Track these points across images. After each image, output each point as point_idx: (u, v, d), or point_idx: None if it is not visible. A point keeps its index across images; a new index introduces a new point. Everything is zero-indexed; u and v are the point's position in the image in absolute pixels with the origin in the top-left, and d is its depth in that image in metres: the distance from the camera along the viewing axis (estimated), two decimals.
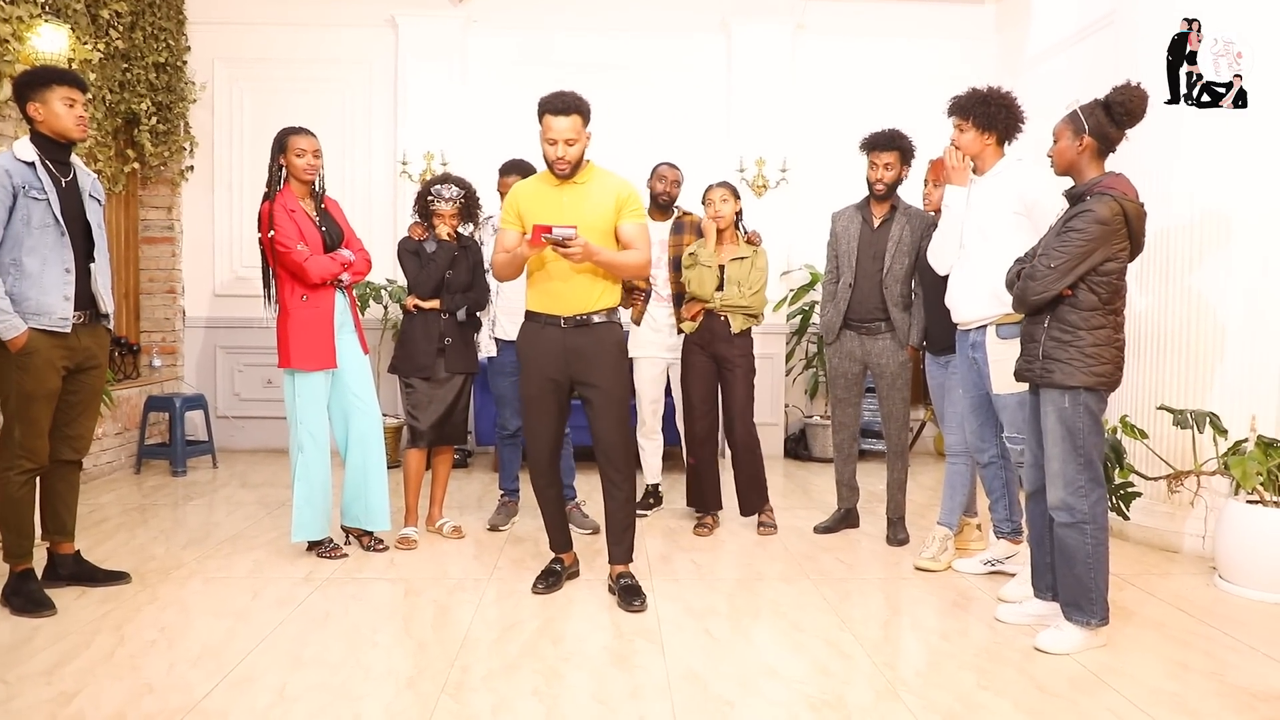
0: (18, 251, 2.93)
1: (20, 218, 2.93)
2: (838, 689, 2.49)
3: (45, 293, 2.96)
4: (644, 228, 3.15)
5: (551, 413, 3.16)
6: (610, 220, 3.10)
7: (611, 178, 3.16)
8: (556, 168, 3.04)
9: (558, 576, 3.30)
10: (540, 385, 3.14)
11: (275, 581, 3.34)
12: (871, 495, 4.60)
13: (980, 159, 3.28)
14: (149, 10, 5.37)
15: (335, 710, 2.32)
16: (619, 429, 3.13)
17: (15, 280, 2.93)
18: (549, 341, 3.10)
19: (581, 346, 3.09)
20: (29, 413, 2.99)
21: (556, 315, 3.09)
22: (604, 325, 3.12)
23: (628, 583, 3.13)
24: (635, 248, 3.11)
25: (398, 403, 5.77)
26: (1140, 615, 3.07)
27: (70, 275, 3.02)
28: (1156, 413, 3.75)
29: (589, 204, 3.08)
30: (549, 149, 3.02)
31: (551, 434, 3.18)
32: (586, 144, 3.08)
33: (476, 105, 6.03)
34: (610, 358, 3.11)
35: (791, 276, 6.07)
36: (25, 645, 2.71)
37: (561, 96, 3.01)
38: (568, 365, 3.10)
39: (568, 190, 3.10)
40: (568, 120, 2.99)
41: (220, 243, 6.03)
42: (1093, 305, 2.67)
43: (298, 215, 3.49)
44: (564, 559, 3.37)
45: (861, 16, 6.14)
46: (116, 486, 4.95)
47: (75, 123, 3.02)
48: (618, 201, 3.10)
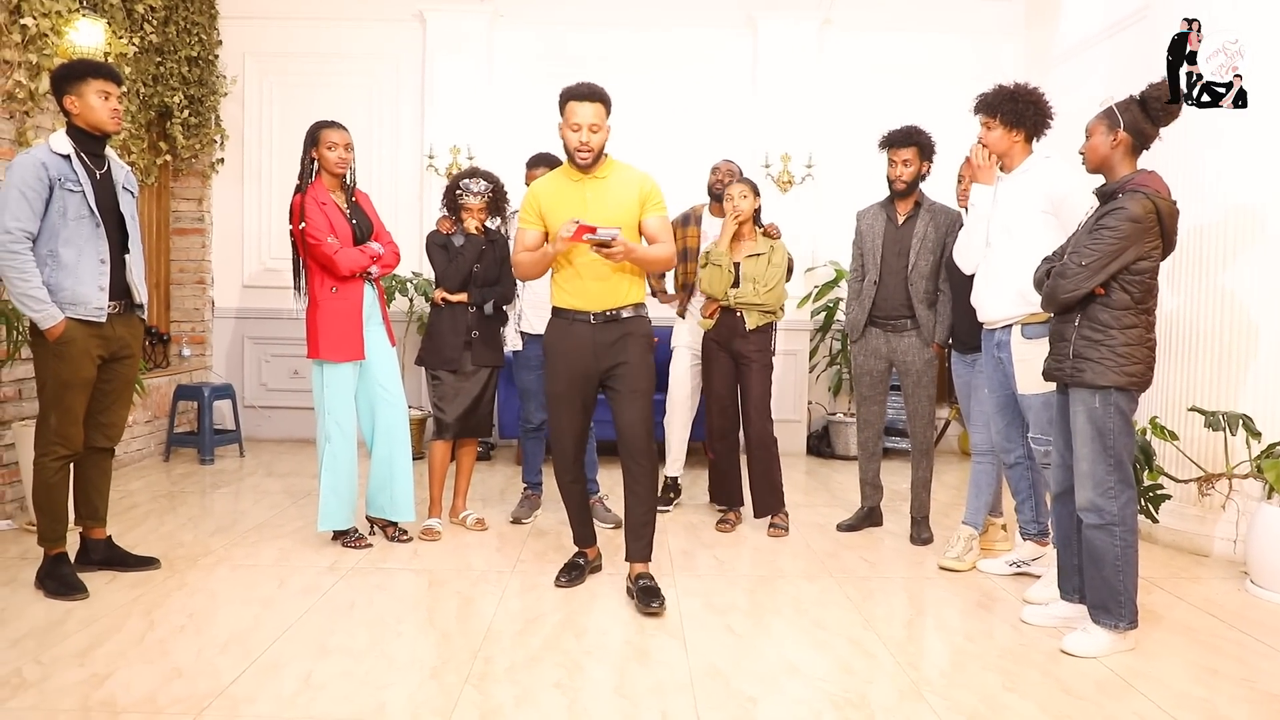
0: (54, 243, 2.98)
1: (56, 210, 2.97)
2: (861, 688, 2.48)
3: (81, 283, 3.01)
4: (667, 220, 3.15)
5: (577, 409, 3.14)
6: (634, 215, 3.08)
7: (632, 171, 3.14)
8: (579, 155, 3.01)
9: (581, 570, 3.30)
10: (568, 381, 3.11)
11: (301, 570, 3.37)
12: (895, 494, 4.57)
13: (1008, 156, 3.25)
14: (182, 5, 5.43)
15: (360, 699, 2.34)
16: (643, 421, 3.10)
17: (52, 271, 2.98)
18: (578, 338, 3.08)
19: (611, 341, 3.08)
20: (64, 400, 3.04)
21: (586, 311, 3.08)
22: (632, 319, 3.12)
23: (646, 584, 3.07)
24: (661, 241, 3.10)
25: (422, 395, 5.82)
26: (1169, 619, 3.04)
27: (105, 266, 3.07)
28: (1187, 414, 3.70)
29: (612, 199, 3.06)
30: (572, 135, 2.99)
31: (577, 430, 3.17)
32: (607, 136, 3.05)
33: (502, 99, 6.05)
34: (638, 349, 3.10)
35: (816, 273, 6.04)
36: (58, 627, 2.76)
37: (586, 84, 3.01)
38: (597, 360, 3.08)
39: (590, 185, 3.07)
40: (591, 107, 2.97)
41: (249, 234, 6.09)
42: (1125, 304, 2.64)
43: (329, 208, 3.52)
44: (587, 553, 3.36)
45: (889, 12, 6.08)
46: (146, 474, 5.03)
47: (110, 115, 3.06)
48: (641, 195, 3.08)
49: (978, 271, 3.33)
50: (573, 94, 3.00)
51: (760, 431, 4.02)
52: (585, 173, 3.06)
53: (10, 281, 2.94)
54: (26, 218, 2.92)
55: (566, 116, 3.00)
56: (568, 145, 3.02)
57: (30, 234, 2.94)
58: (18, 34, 3.91)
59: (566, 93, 3.02)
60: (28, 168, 2.94)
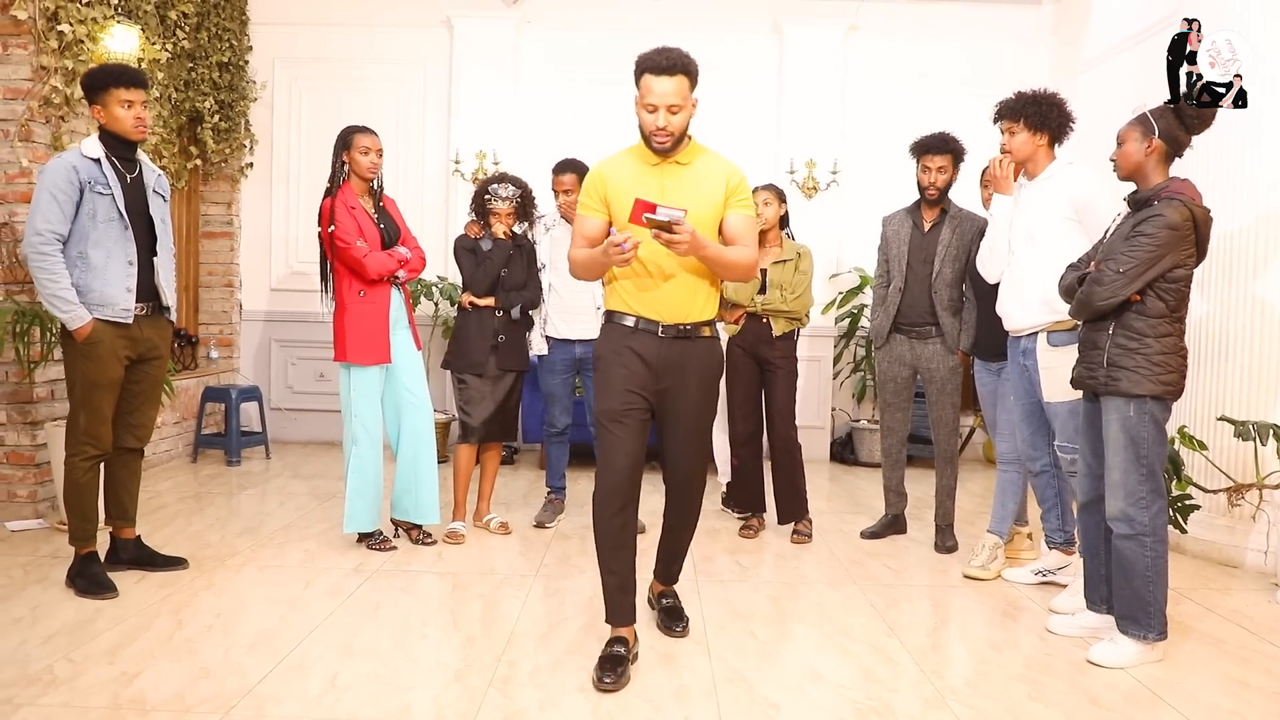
0: (83, 245, 3.03)
1: (86, 212, 3.03)
2: (885, 695, 2.47)
3: (109, 284, 3.06)
4: (753, 221, 2.65)
5: (634, 434, 2.55)
6: (717, 210, 2.59)
7: (719, 159, 2.64)
8: (656, 140, 2.50)
9: (624, 664, 2.51)
10: (623, 399, 2.55)
11: (326, 571, 3.40)
12: (918, 501, 4.55)
13: (1032, 162, 3.23)
14: (214, 11, 5.51)
15: (385, 700, 2.36)
16: (699, 459, 2.70)
17: (81, 272, 3.03)
18: (640, 350, 2.56)
19: (680, 361, 2.58)
20: (93, 400, 3.09)
21: (654, 321, 2.57)
22: (707, 340, 2.63)
23: (670, 604, 2.92)
24: (743, 244, 2.59)
25: (447, 398, 5.85)
26: (1198, 631, 3.00)
27: (133, 268, 3.12)
28: (1216, 423, 3.65)
29: (693, 188, 2.56)
30: (647, 117, 2.49)
31: (633, 460, 2.55)
32: (692, 113, 2.53)
33: (528, 105, 6.09)
34: (709, 379, 2.65)
35: (840, 279, 6.02)
36: (88, 626, 2.80)
37: (666, 52, 2.47)
38: (658, 380, 2.58)
39: (668, 171, 2.58)
40: (672, 82, 2.45)
41: (277, 238, 6.16)
42: (1160, 312, 2.61)
43: (357, 212, 3.57)
44: (626, 637, 2.59)
45: (915, 18, 6.07)
46: (174, 474, 5.09)
47: (133, 124, 3.11)
48: (728, 188, 2.58)
49: (1002, 279, 3.32)
50: (649, 65, 2.47)
51: (784, 438, 4.01)
52: (665, 157, 2.57)
53: (40, 283, 3.00)
54: (57, 220, 2.98)
55: (641, 93, 2.49)
56: (643, 127, 2.52)
57: (60, 236, 2.99)
58: (54, 40, 3.99)
59: (642, 63, 2.49)
60: (59, 171, 3.00)
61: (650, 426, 2.64)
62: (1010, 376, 3.38)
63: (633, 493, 2.57)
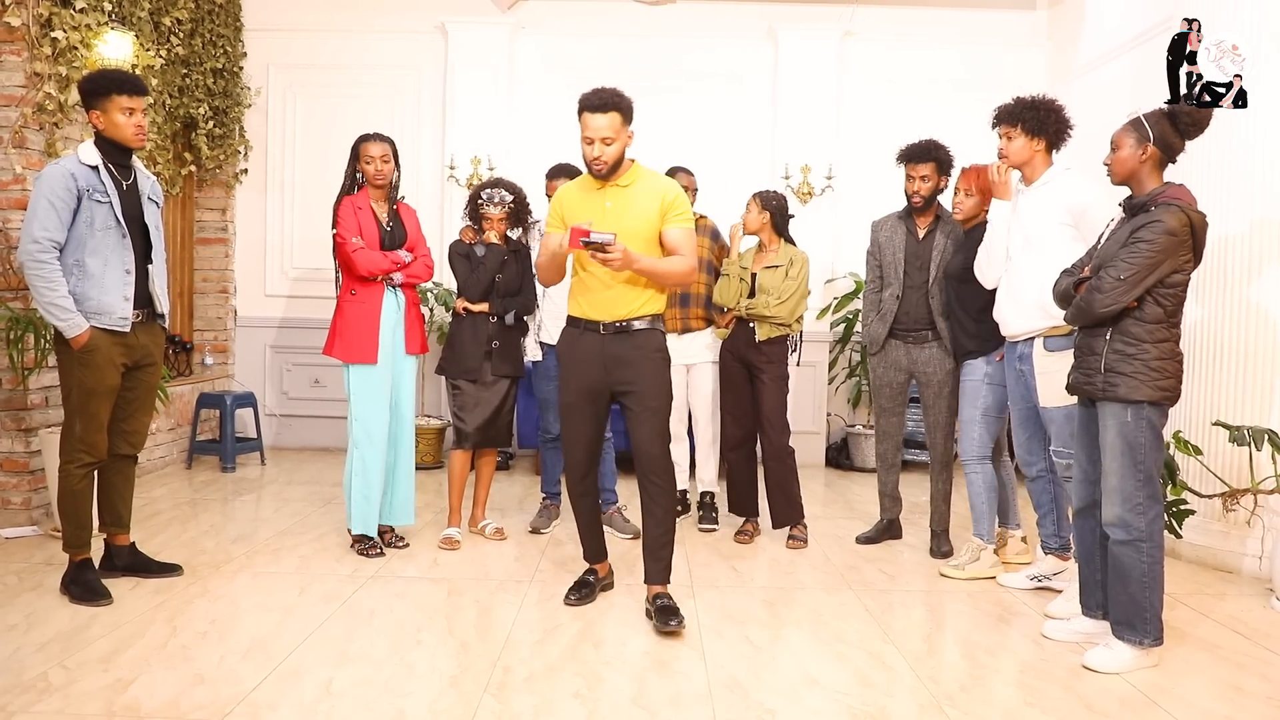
0: (81, 253, 3.02)
1: (84, 220, 3.01)
2: (880, 701, 2.47)
3: (106, 292, 3.05)
4: (690, 232, 3.04)
5: (589, 421, 3.08)
6: (655, 225, 2.99)
7: (656, 179, 3.07)
8: (593, 167, 2.95)
9: (591, 588, 3.22)
10: (578, 393, 3.05)
11: (321, 578, 3.39)
12: (913, 507, 4.55)
13: (1029, 167, 3.25)
14: (208, 18, 5.51)
15: (380, 706, 2.35)
16: (658, 439, 3.01)
17: (78, 280, 3.02)
18: (587, 348, 3.02)
19: (621, 353, 2.99)
20: (89, 408, 3.08)
21: (596, 321, 3.01)
22: (644, 332, 3.02)
23: (664, 603, 2.99)
24: (681, 254, 2.99)
25: (442, 404, 5.85)
26: (1193, 636, 3.00)
27: (130, 276, 3.11)
28: (1212, 428, 3.66)
29: (633, 207, 2.98)
30: (586, 148, 2.93)
31: (588, 443, 3.10)
32: (628, 143, 2.96)
33: (523, 111, 6.09)
34: (650, 365, 3.01)
35: (836, 284, 6.03)
36: (83, 632, 2.79)
37: (600, 93, 2.90)
38: (606, 373, 3.01)
39: (611, 193, 3.00)
40: (605, 118, 2.88)
41: (272, 244, 6.15)
42: (1157, 318, 2.62)
43: (363, 213, 3.62)
44: (598, 570, 3.28)
45: (910, 24, 6.08)
46: (168, 481, 5.07)
47: (134, 132, 3.10)
48: (663, 205, 2.99)
49: (999, 285, 3.33)
50: (585, 104, 2.91)
51: (775, 444, 4.01)
52: (605, 181, 3.00)
53: (37, 290, 2.98)
54: (54, 227, 2.97)
55: (581, 128, 2.92)
56: (584, 157, 2.97)
57: (57, 244, 2.98)
58: (48, 47, 3.98)
59: (582, 102, 2.92)
60: (56, 178, 2.98)
61: (606, 413, 3.12)
62: (1005, 381, 3.40)
63: (590, 464, 3.15)
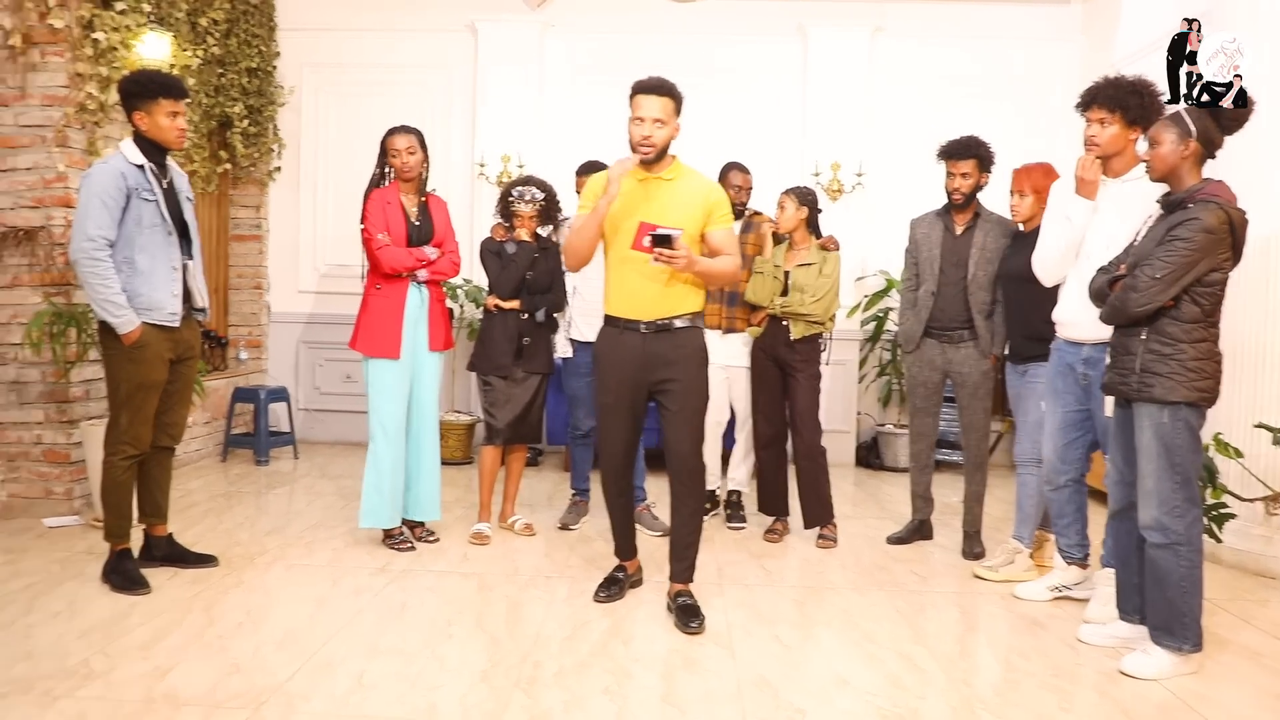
0: (130, 250, 3.08)
1: (132, 218, 3.07)
2: (912, 703, 2.45)
3: (155, 289, 3.12)
4: (733, 233, 3.04)
5: (626, 420, 3.04)
6: (698, 224, 2.96)
7: (700, 178, 3.03)
8: (640, 149, 2.89)
9: (620, 585, 3.22)
10: (616, 392, 3.02)
11: (353, 571, 3.43)
12: (945, 507, 4.51)
13: (1119, 158, 2.98)
14: (243, 18, 5.58)
15: (411, 699, 2.37)
16: (692, 440, 3.00)
17: (128, 277, 3.08)
18: (627, 347, 2.98)
19: (662, 352, 2.96)
20: (136, 401, 3.14)
21: (636, 320, 2.97)
22: (686, 330, 2.99)
23: (686, 602, 2.99)
24: (728, 254, 2.98)
25: (472, 400, 5.88)
26: (1235, 643, 2.94)
27: (177, 273, 3.18)
28: (1254, 430, 3.59)
29: (676, 203, 2.93)
30: (635, 129, 2.89)
31: (626, 442, 3.07)
32: (675, 134, 2.94)
33: (552, 108, 6.11)
34: (691, 364, 2.98)
35: (866, 282, 5.98)
36: (123, 621, 2.84)
37: (654, 78, 2.92)
38: (646, 371, 2.97)
39: (654, 186, 2.96)
40: (658, 101, 2.87)
41: (304, 241, 6.22)
42: (1195, 317, 2.57)
43: (391, 207, 3.64)
44: (627, 567, 3.27)
45: (941, 19, 6.02)
46: (204, 474, 5.15)
47: (176, 135, 3.16)
48: (707, 205, 2.96)
49: (1068, 285, 3.11)
50: (639, 87, 2.91)
51: (807, 443, 3.99)
52: (649, 170, 2.95)
53: (91, 288, 3.04)
54: (107, 226, 3.02)
55: (632, 110, 2.90)
56: (631, 139, 2.92)
57: (110, 241, 3.04)
58: (89, 48, 4.05)
59: (635, 86, 2.92)
60: (107, 177, 3.04)
61: (644, 413, 3.08)
62: (1053, 383, 3.19)
63: (627, 463, 3.11)
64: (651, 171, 2.95)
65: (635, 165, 2.89)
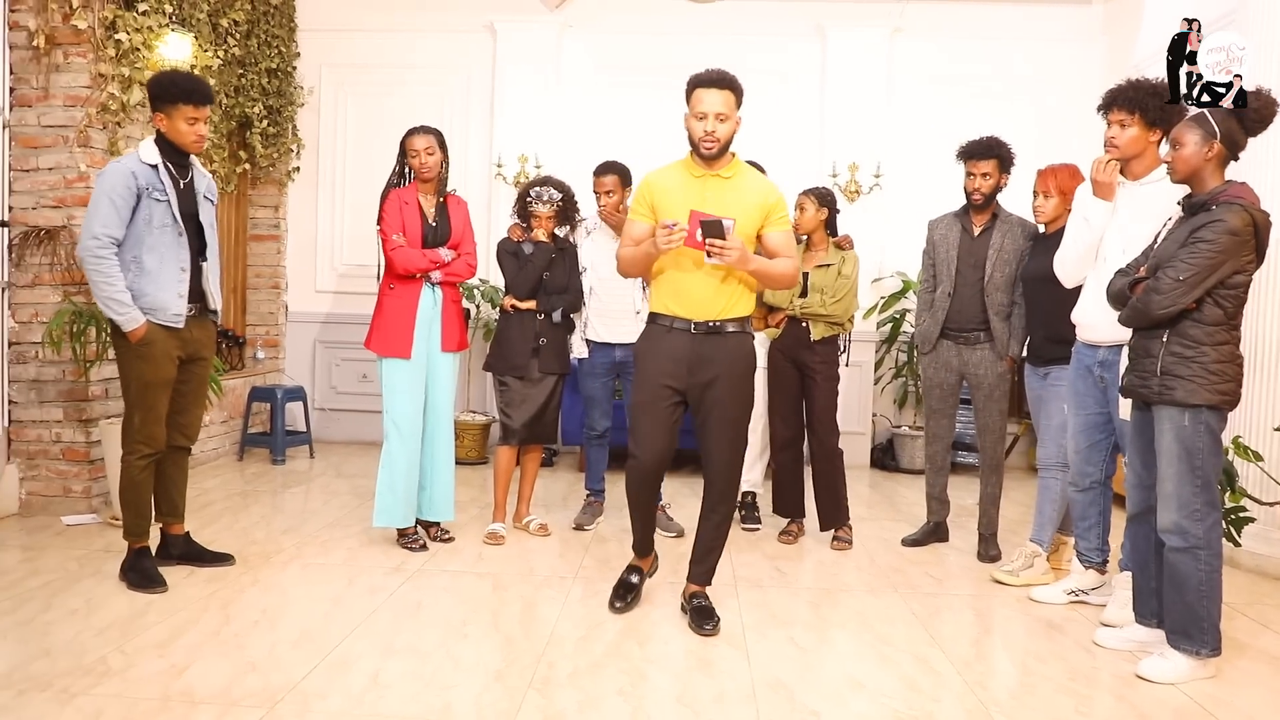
0: (138, 249, 3.10)
1: (142, 218, 3.10)
2: (927, 706, 2.44)
3: (161, 289, 3.13)
4: (791, 235, 2.94)
5: (664, 423, 2.87)
6: (755, 224, 2.85)
7: (760, 178, 2.93)
8: (703, 145, 2.78)
9: (635, 591, 3.08)
10: (655, 392, 2.86)
11: (369, 570, 3.44)
12: (960, 510, 4.48)
13: (1139, 161, 2.97)
14: (264, 19, 5.62)
15: (426, 699, 2.38)
16: (733, 450, 2.91)
17: (135, 276, 3.10)
18: (674, 347, 2.84)
19: (710, 355, 2.83)
20: (147, 400, 3.17)
21: (687, 319, 2.83)
22: (736, 335, 2.86)
23: (701, 604, 2.96)
24: (785, 255, 2.87)
25: (488, 400, 5.90)
26: (1254, 648, 2.91)
27: (185, 274, 3.19)
28: (1274, 434, 3.55)
29: (734, 202, 2.81)
30: (696, 125, 2.78)
31: (662, 445, 2.88)
32: (737, 128, 2.82)
33: (570, 109, 6.12)
34: (739, 372, 2.87)
35: (883, 284, 5.96)
36: (140, 618, 2.87)
37: (713, 70, 2.81)
38: (691, 374, 2.84)
39: (711, 184, 2.83)
40: (720, 95, 2.76)
41: (322, 241, 6.26)
42: (1217, 320, 2.54)
43: (408, 208, 3.65)
44: (642, 566, 3.15)
45: (960, 20, 5.99)
46: (221, 472, 5.19)
47: (194, 140, 3.18)
48: (765, 206, 2.85)
49: (1086, 287, 3.10)
50: (699, 80, 2.80)
51: (825, 444, 3.98)
52: (709, 167, 2.83)
53: (96, 285, 3.07)
54: (114, 224, 3.05)
55: (692, 105, 2.79)
56: (692, 135, 2.81)
57: (116, 240, 3.06)
58: (112, 48, 4.09)
59: (694, 80, 2.82)
60: (117, 175, 3.07)
61: (681, 418, 2.93)
62: (1074, 385, 3.18)
63: (659, 470, 2.95)
64: (711, 168, 2.84)
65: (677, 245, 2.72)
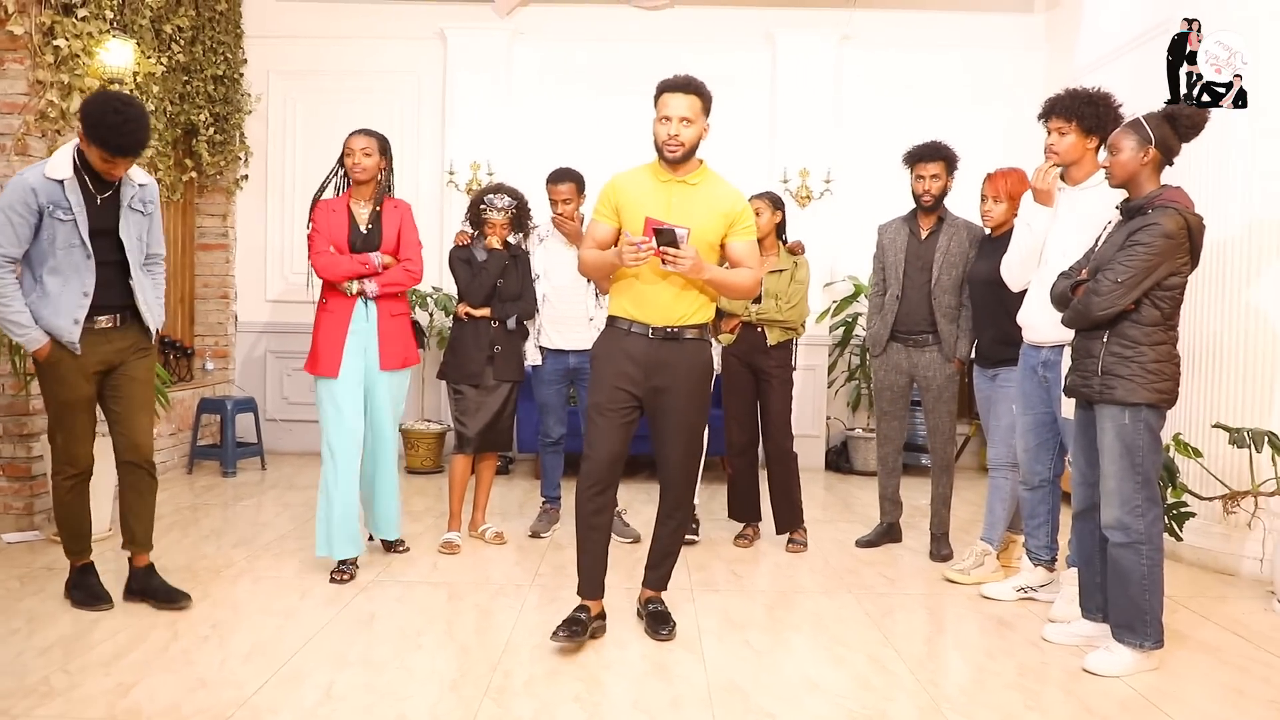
0: (41, 269, 2.92)
1: (45, 237, 2.90)
2: (880, 704, 2.47)
3: (58, 315, 2.93)
4: (755, 245, 2.91)
5: (616, 425, 2.80)
6: (718, 232, 2.82)
7: (725, 185, 2.88)
8: (667, 149, 2.76)
9: (583, 626, 2.80)
10: (610, 395, 2.80)
11: (322, 582, 3.39)
12: (914, 510, 4.55)
13: (1078, 166, 3.07)
14: (209, 25, 5.53)
15: (380, 710, 2.36)
16: (688, 457, 2.89)
17: (37, 298, 2.91)
18: (631, 350, 2.80)
19: (667, 361, 2.80)
20: (65, 420, 3.02)
21: (645, 324, 2.80)
22: (694, 343, 2.84)
23: (656, 609, 2.96)
24: (747, 265, 2.85)
25: (443, 408, 5.85)
26: (1194, 639, 3.00)
27: (87, 299, 2.95)
28: (1211, 430, 3.66)
29: (698, 209, 2.79)
30: (661, 128, 2.76)
31: (613, 449, 2.80)
32: (704, 135, 2.82)
33: (522, 116, 6.11)
34: (695, 378, 2.84)
35: (834, 288, 6.04)
36: (85, 637, 2.80)
37: (681, 75, 2.81)
38: (648, 378, 2.80)
39: (677, 189, 2.81)
40: (685, 99, 2.76)
41: (272, 250, 6.17)
42: (1155, 320, 2.63)
43: (336, 215, 3.50)
44: (590, 608, 2.87)
45: (908, 27, 6.10)
46: (170, 486, 5.07)
47: (107, 172, 2.93)
48: (730, 214, 2.82)
49: (1031, 290, 3.19)
50: (665, 85, 2.80)
51: (780, 447, 4.01)
52: (674, 172, 2.81)
53: None
54: (9, 243, 2.86)
55: (658, 109, 2.78)
56: (657, 139, 2.78)
57: (12, 259, 2.88)
58: (50, 55, 4.00)
59: (661, 85, 2.81)
60: (15, 192, 2.87)
61: (636, 423, 2.88)
62: (1020, 386, 3.27)
63: (611, 478, 2.84)
64: (676, 174, 2.82)
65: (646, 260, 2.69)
